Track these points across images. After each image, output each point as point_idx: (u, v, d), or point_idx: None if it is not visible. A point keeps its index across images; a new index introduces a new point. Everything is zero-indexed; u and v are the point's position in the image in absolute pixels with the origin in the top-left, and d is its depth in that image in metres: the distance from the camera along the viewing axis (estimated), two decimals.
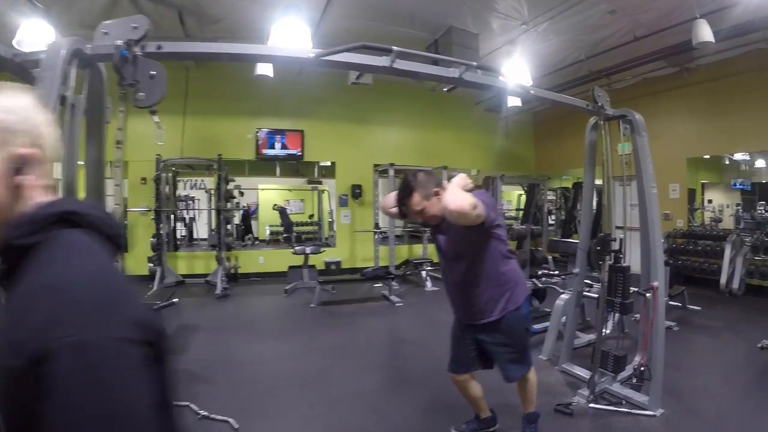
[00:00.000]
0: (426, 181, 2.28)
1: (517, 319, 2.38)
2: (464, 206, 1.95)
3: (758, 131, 7.19)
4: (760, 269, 6.58)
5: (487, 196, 2.28)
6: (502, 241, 2.33)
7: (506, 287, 2.35)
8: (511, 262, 2.40)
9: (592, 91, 3.24)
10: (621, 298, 3.24)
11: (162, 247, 7.66)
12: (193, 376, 3.74)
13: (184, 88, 8.29)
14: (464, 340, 2.53)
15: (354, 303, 6.78)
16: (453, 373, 2.62)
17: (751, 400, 3.37)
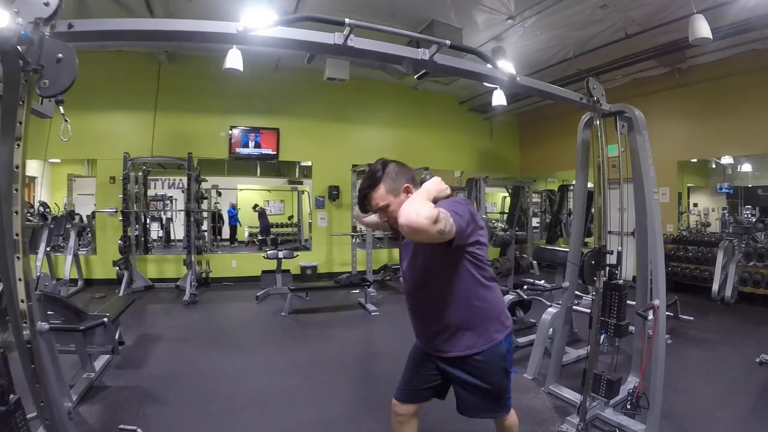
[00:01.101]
0: (397, 172, 1.83)
1: (494, 357, 1.89)
2: (419, 220, 1.44)
3: (750, 134, 7.01)
4: (753, 277, 6.36)
5: (462, 205, 1.75)
6: (480, 263, 1.84)
7: (481, 320, 1.88)
8: (490, 289, 1.90)
9: (587, 83, 2.89)
10: (616, 318, 2.89)
11: (130, 250, 7.26)
12: (144, 395, 3.40)
13: (156, 84, 7.95)
14: (427, 365, 2.05)
15: (327, 311, 6.41)
16: (398, 400, 2.09)
17: (755, 426, 3.08)
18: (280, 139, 8.60)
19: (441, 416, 3.00)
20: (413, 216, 1.45)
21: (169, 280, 7.70)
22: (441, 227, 1.51)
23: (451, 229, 1.58)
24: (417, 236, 1.52)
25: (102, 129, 7.65)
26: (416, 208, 1.48)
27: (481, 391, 1.93)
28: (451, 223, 1.57)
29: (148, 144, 7.86)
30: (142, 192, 8.33)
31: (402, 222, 1.46)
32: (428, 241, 1.58)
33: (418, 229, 1.45)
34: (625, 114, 3.06)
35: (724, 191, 10.50)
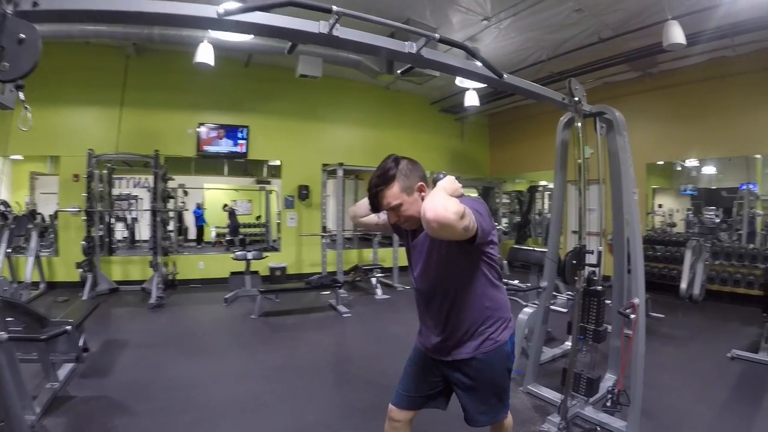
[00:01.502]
0: (410, 170, 1.75)
1: (499, 357, 1.87)
2: (447, 215, 1.40)
3: (717, 138, 7.26)
4: (720, 275, 6.58)
5: (481, 203, 1.72)
6: (493, 263, 1.82)
7: (491, 320, 1.85)
8: (500, 290, 1.89)
9: (569, 84, 2.89)
10: (594, 324, 2.90)
11: (94, 252, 6.93)
12: (112, 405, 3.22)
13: (123, 78, 7.63)
14: (433, 371, 1.98)
15: (298, 314, 6.27)
16: (397, 406, 2.00)
17: (731, 419, 3.17)
18: (249, 137, 8.39)
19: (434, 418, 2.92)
20: (441, 211, 1.41)
21: (134, 283, 7.40)
22: (466, 223, 1.48)
23: (474, 226, 1.55)
24: (444, 232, 1.46)
25: (66, 124, 7.32)
26: (443, 203, 1.43)
27: (485, 392, 1.90)
28: (473, 219, 1.54)
29: (113, 140, 7.54)
30: (106, 191, 8.00)
31: (430, 217, 1.41)
32: (453, 237, 1.53)
33: (446, 224, 1.41)
34: (605, 115, 3.07)
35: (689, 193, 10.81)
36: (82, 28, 5.84)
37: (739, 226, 8.29)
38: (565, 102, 2.87)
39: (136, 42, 6.99)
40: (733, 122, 7.01)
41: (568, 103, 2.88)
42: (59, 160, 7.50)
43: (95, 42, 7.24)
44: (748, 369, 4.10)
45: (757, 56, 6.67)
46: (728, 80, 7.03)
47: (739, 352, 4.34)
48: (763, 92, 6.70)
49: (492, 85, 2.41)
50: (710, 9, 5.38)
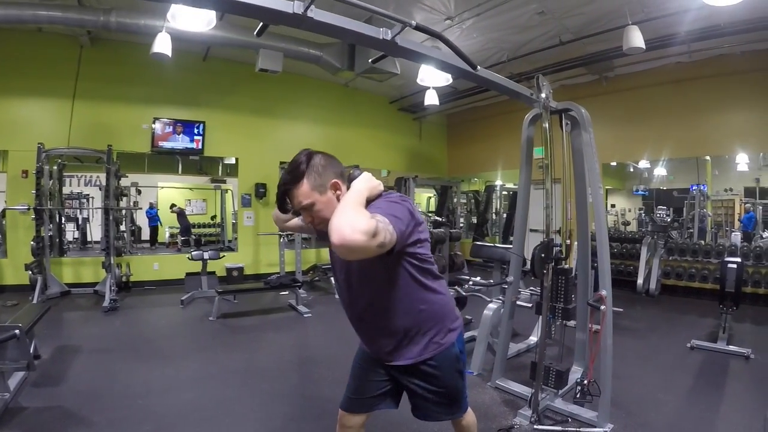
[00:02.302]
0: (324, 165, 1.56)
1: (447, 361, 1.75)
2: (355, 238, 1.20)
3: (669, 140, 7.56)
4: (676, 270, 6.85)
5: (402, 204, 1.53)
6: (422, 263, 1.64)
7: (430, 324, 1.71)
8: (436, 290, 1.72)
9: (537, 79, 2.91)
10: (563, 303, 2.93)
11: (44, 252, 6.53)
12: (67, 416, 2.99)
13: (76, 68, 7.23)
14: (377, 370, 1.85)
15: (258, 314, 6.12)
16: (346, 411, 1.89)
17: (697, 405, 3.29)
18: (205, 133, 8.13)
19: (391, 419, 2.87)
20: (347, 233, 1.20)
21: (86, 285, 7.03)
22: (381, 240, 1.27)
23: (392, 238, 1.34)
24: (354, 255, 1.27)
25: (15, 117, 6.87)
26: (350, 221, 1.23)
27: (437, 396, 1.80)
28: (391, 231, 1.34)
29: (64, 134, 7.13)
30: (57, 188, 7.55)
31: (335, 242, 1.21)
32: (367, 256, 1.32)
33: (355, 247, 1.21)
34: (571, 112, 3.12)
35: (640, 193, 11.31)
36: (35, 12, 5.54)
37: (690, 224, 8.69)
38: (533, 98, 2.89)
39: (91, 30, 6.64)
40: (686, 125, 7.34)
41: (536, 99, 2.90)
42: (7, 155, 7.04)
43: (48, 29, 6.88)
44: (707, 357, 4.28)
45: (710, 63, 7.00)
46: (682, 85, 7.35)
47: (698, 342, 4.53)
48: (714, 97, 7.04)
49: (464, 77, 2.39)
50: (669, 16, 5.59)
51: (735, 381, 3.75)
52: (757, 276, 6.28)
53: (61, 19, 5.73)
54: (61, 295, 6.67)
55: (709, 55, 6.87)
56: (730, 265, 4.37)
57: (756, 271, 6.32)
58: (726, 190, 9.22)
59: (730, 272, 4.36)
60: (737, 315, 4.69)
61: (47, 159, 6.82)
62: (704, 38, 6.03)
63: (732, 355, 4.26)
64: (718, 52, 6.76)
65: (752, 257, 6.32)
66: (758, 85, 6.62)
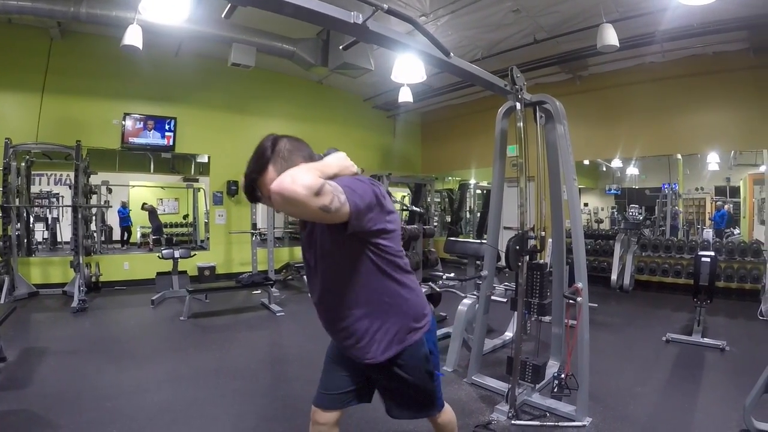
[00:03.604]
0: (290, 150, 1.50)
1: (414, 361, 1.67)
2: (294, 188, 1.16)
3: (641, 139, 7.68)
4: (649, 265, 6.96)
5: (368, 184, 1.46)
6: (388, 254, 1.56)
7: (394, 319, 1.61)
8: (404, 284, 1.63)
9: (511, 71, 2.90)
10: (539, 298, 2.92)
11: (11, 252, 6.30)
12: (32, 420, 2.86)
13: (46, 61, 7.01)
14: (347, 365, 1.78)
15: (230, 314, 5.99)
16: (318, 407, 1.81)
17: (675, 397, 3.29)
18: (177, 129, 7.96)
19: (366, 417, 2.83)
20: (287, 182, 1.17)
21: (55, 286, 6.81)
22: (325, 202, 1.23)
23: (342, 207, 1.29)
24: (292, 208, 1.26)
25: None
26: (293, 174, 1.20)
27: (406, 398, 1.75)
28: (342, 200, 1.29)
29: (33, 130, 6.90)
30: (24, 185, 7.27)
31: (273, 189, 1.18)
32: (310, 218, 1.34)
33: (292, 198, 1.17)
34: (545, 105, 3.11)
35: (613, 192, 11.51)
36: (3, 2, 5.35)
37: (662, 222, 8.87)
38: (506, 88, 2.87)
39: (61, 21, 6.44)
40: (658, 124, 7.47)
41: (510, 90, 2.88)
42: None
43: (18, 21, 6.67)
44: (683, 350, 4.32)
45: (683, 62, 7.12)
46: (655, 84, 7.47)
47: (673, 335, 4.59)
48: (686, 96, 7.17)
49: (438, 66, 2.36)
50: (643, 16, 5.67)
51: (712, 372, 3.79)
52: (730, 270, 6.40)
53: (31, 9, 5.54)
54: (29, 296, 6.45)
55: (682, 55, 7.00)
56: (703, 259, 4.43)
57: (728, 265, 6.44)
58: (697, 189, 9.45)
59: (704, 266, 4.41)
60: (711, 309, 4.75)
61: (15, 155, 6.61)
62: (677, 38, 6.14)
63: (707, 348, 4.32)
64: (691, 52, 6.89)
65: (724, 252, 6.45)
66: (729, 85, 6.77)
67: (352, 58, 6.12)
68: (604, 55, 6.66)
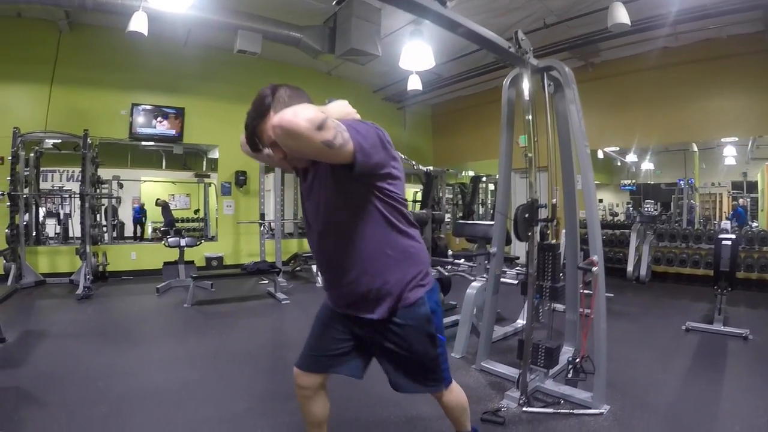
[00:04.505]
0: (290, 96, 1.45)
1: (415, 320, 1.58)
2: (296, 121, 1.14)
3: (656, 126, 7.44)
4: (666, 256, 6.74)
5: (372, 127, 1.44)
6: (394, 202, 1.52)
7: (397, 274, 1.54)
8: (408, 236, 1.57)
9: (515, 34, 2.74)
10: (551, 281, 2.74)
11: (19, 240, 6.32)
12: (21, 397, 2.81)
13: (54, 53, 7.07)
14: (333, 330, 1.70)
15: (235, 302, 5.91)
16: (300, 368, 1.74)
17: (698, 385, 3.10)
18: (185, 119, 7.96)
19: (366, 402, 2.71)
20: (289, 116, 1.15)
21: (62, 275, 6.81)
22: (328, 137, 1.20)
23: (345, 145, 1.26)
24: (294, 142, 1.20)
25: None
26: (295, 108, 1.18)
27: (407, 361, 1.63)
28: (345, 137, 1.26)
29: (42, 121, 6.97)
30: (33, 176, 7.34)
31: (274, 122, 1.18)
32: (312, 154, 1.28)
33: (293, 131, 1.15)
34: (553, 72, 2.95)
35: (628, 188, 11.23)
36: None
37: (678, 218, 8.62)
38: (511, 51, 2.71)
39: (68, 9, 6.44)
40: (673, 111, 7.23)
41: (515, 53, 2.72)
42: None
43: (27, 13, 6.76)
44: (704, 339, 4.11)
45: (698, 46, 6.90)
46: (668, 70, 7.26)
47: (693, 324, 4.37)
48: (702, 82, 6.94)
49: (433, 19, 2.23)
50: None
51: (735, 361, 3.58)
52: (750, 260, 6.15)
53: None
54: (35, 285, 6.45)
55: (695, 39, 6.79)
56: (724, 242, 4.20)
57: (748, 255, 6.19)
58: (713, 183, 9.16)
59: (724, 249, 4.18)
60: (731, 299, 4.53)
61: (23, 144, 6.66)
62: (689, 20, 5.90)
63: (729, 336, 4.10)
64: (705, 35, 6.68)
65: (744, 241, 6.19)
66: (744, 69, 6.53)
67: (358, 44, 5.99)
68: (616, 40, 6.48)
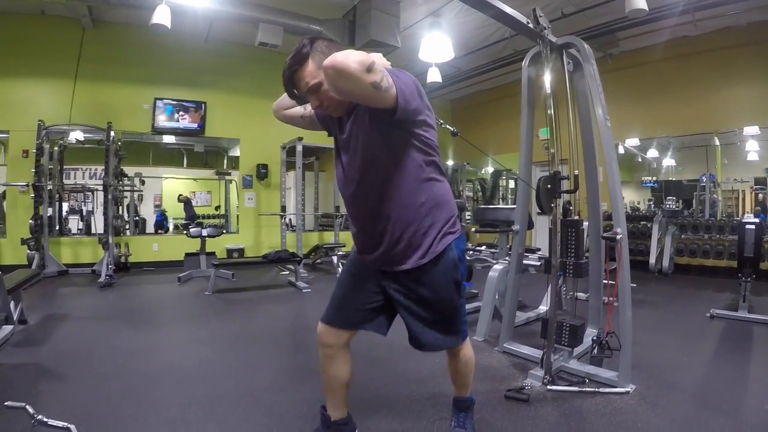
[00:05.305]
0: (328, 46, 1.50)
1: (443, 265, 1.61)
2: (347, 62, 1.18)
3: (679, 116, 7.33)
4: (689, 247, 6.62)
5: (410, 77, 1.46)
6: (429, 149, 1.56)
7: (429, 222, 1.57)
8: (440, 185, 1.62)
9: (534, 11, 2.71)
10: (574, 257, 2.70)
11: (42, 231, 6.50)
12: (41, 372, 2.86)
13: (78, 50, 7.27)
14: (365, 283, 1.72)
15: (255, 290, 5.98)
16: (327, 324, 1.75)
17: (724, 367, 3.03)
18: (206, 113, 8.10)
19: (389, 380, 2.72)
20: (340, 57, 1.19)
21: (85, 265, 6.99)
22: (375, 79, 1.25)
23: (390, 89, 1.31)
24: (345, 83, 1.23)
25: (17, 98, 6.93)
26: (345, 52, 1.22)
27: (431, 311, 1.65)
28: (390, 82, 1.31)
29: (66, 114, 7.17)
30: (57, 169, 7.52)
31: (326, 64, 1.20)
32: (360, 95, 1.31)
33: (344, 71, 1.19)
34: (571, 49, 2.93)
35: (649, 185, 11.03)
36: None
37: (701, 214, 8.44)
38: (530, 26, 2.69)
39: (91, 5, 6.59)
40: (695, 100, 7.13)
41: (533, 29, 2.70)
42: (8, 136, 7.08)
43: (51, 11, 6.96)
44: (729, 326, 4.03)
45: (718, 35, 6.81)
46: (689, 59, 7.16)
47: (717, 311, 4.29)
48: (723, 70, 6.83)
49: None
50: None
51: (762, 345, 3.49)
52: None
53: None
54: (58, 274, 6.62)
55: (715, 27, 6.71)
56: (748, 226, 4.13)
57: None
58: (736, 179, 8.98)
59: (748, 234, 4.11)
60: (755, 289, 4.42)
61: (47, 137, 6.83)
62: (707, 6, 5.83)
63: (755, 323, 4.02)
64: (723, 23, 6.60)
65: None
66: (765, 56, 6.42)
67: (378, 35, 6.04)
68: (635, 29, 6.41)
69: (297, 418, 2.24)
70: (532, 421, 2.23)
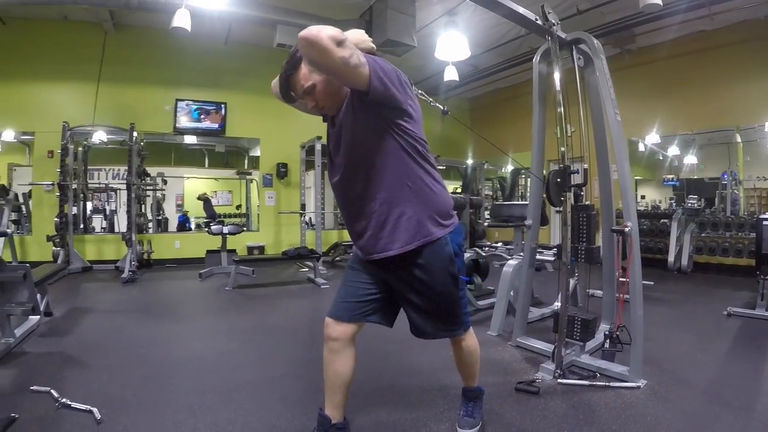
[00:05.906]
0: None
1: (437, 258, 1.64)
2: (319, 35, 1.27)
3: (699, 112, 7.24)
4: (709, 245, 6.53)
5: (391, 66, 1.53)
6: (412, 139, 1.60)
7: (414, 206, 1.60)
8: (427, 172, 1.65)
9: (542, 7, 2.73)
10: (586, 242, 2.72)
11: (67, 229, 6.70)
12: (66, 360, 2.99)
13: (101, 53, 7.50)
14: (365, 276, 1.76)
15: (275, 286, 6.09)
16: (333, 318, 1.78)
17: (738, 365, 3.00)
18: (227, 114, 8.28)
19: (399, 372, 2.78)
20: (313, 30, 1.28)
21: (108, 262, 7.19)
22: (344, 54, 1.32)
23: (360, 67, 1.38)
24: (314, 54, 1.32)
25: (42, 100, 7.19)
26: (320, 27, 1.30)
27: (429, 302, 1.69)
28: (362, 61, 1.38)
29: (89, 116, 7.41)
30: (81, 168, 7.79)
31: (300, 35, 1.29)
32: (331, 69, 1.38)
33: (315, 42, 1.28)
34: (581, 45, 2.94)
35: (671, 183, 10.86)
36: None
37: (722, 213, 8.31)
38: (538, 23, 2.71)
39: (113, 9, 6.77)
40: (714, 96, 7.03)
41: (542, 25, 2.72)
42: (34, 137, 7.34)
43: (73, 16, 7.17)
44: (746, 324, 3.98)
45: (735, 28, 6.72)
46: (707, 54, 7.07)
47: (735, 309, 4.24)
48: (741, 64, 6.73)
49: None
50: None
51: None
52: None
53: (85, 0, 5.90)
54: (82, 270, 6.82)
55: (731, 20, 6.62)
56: (766, 223, 4.07)
57: None
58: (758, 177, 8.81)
59: (766, 231, 4.05)
60: None
61: (72, 138, 7.03)
62: None
63: None
64: (740, 16, 6.52)
65: None
66: None
67: (394, 35, 6.10)
68: (651, 24, 6.37)
69: (312, 405, 2.28)
70: (541, 412, 2.25)
